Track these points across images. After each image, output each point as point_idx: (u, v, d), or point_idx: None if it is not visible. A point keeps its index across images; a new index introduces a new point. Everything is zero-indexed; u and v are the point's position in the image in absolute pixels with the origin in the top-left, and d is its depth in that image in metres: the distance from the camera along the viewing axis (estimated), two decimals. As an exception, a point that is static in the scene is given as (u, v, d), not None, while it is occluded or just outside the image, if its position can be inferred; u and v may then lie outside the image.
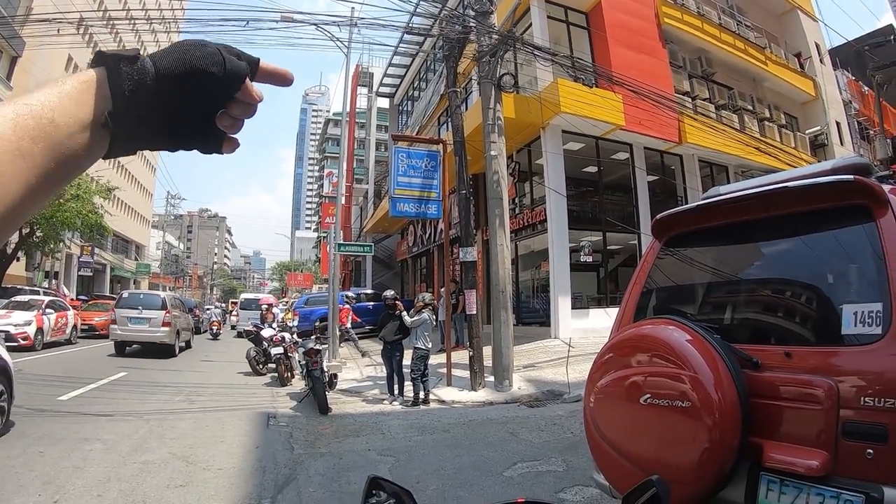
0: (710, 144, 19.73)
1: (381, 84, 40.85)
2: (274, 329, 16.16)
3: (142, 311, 19.10)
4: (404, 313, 11.71)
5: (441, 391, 12.14)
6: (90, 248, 44.83)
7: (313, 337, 12.60)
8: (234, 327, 35.39)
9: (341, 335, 18.98)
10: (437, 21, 14.76)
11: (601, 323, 14.88)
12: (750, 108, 24.19)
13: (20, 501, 5.59)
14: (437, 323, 16.12)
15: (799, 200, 3.29)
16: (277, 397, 12.34)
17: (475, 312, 12.73)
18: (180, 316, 22.11)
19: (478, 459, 7.39)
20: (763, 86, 25.89)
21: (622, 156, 20.68)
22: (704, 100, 22.29)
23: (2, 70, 34.21)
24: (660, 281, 4.16)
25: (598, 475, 3.66)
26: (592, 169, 20.77)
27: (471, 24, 13.05)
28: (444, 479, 6.61)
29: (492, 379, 12.31)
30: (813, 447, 2.76)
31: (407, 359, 11.64)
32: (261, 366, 15.56)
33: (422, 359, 11.26)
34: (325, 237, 32.94)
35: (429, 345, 11.49)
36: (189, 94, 0.77)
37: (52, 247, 33.31)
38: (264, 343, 15.37)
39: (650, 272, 4.11)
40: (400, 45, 30.46)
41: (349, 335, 19.46)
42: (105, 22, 37.90)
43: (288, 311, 25.19)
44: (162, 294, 22.77)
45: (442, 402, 11.49)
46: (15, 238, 27.79)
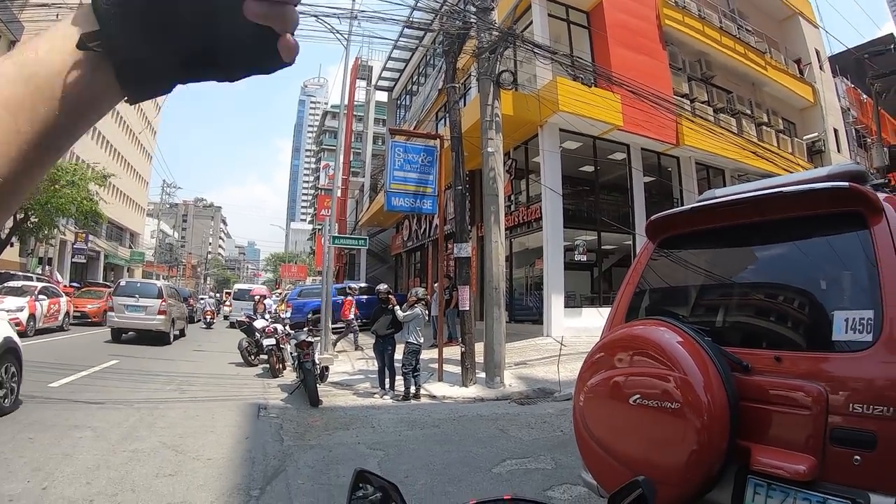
0: (707, 147, 19.74)
1: (379, 77, 40.77)
2: (266, 320, 16.14)
3: (138, 300, 19.54)
4: (397, 308, 11.71)
5: (432, 386, 12.15)
6: (84, 235, 44.64)
7: (306, 329, 12.61)
8: (226, 317, 35.33)
9: (347, 325, 19.04)
10: (438, 16, 14.72)
11: (594, 322, 14.90)
12: (748, 112, 24.23)
13: (9, 487, 5.57)
14: (429, 318, 16.10)
15: (794, 206, 3.29)
16: (268, 388, 12.33)
17: (468, 308, 12.74)
18: (175, 305, 22.46)
19: (467, 455, 7.40)
20: (762, 90, 25.93)
21: (619, 156, 20.69)
22: (703, 102, 22.28)
23: (-1, 54, 34.02)
24: (653, 282, 4.16)
25: (586, 474, 3.67)
26: (589, 168, 20.79)
27: (471, 19, 13.02)
28: (432, 475, 6.62)
29: (483, 375, 12.32)
30: (801, 452, 2.76)
31: (399, 353, 11.64)
32: (252, 357, 15.54)
33: (413, 353, 11.26)
34: (320, 229, 32.96)
35: (421, 340, 11.50)
36: None
37: (47, 233, 33.22)
38: (256, 334, 15.34)
39: (643, 273, 4.11)
40: (400, 39, 30.38)
41: (352, 327, 19.38)
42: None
43: (281, 303, 25.16)
44: (158, 283, 23.06)
45: (433, 397, 11.51)
46: (9, 223, 27.69)
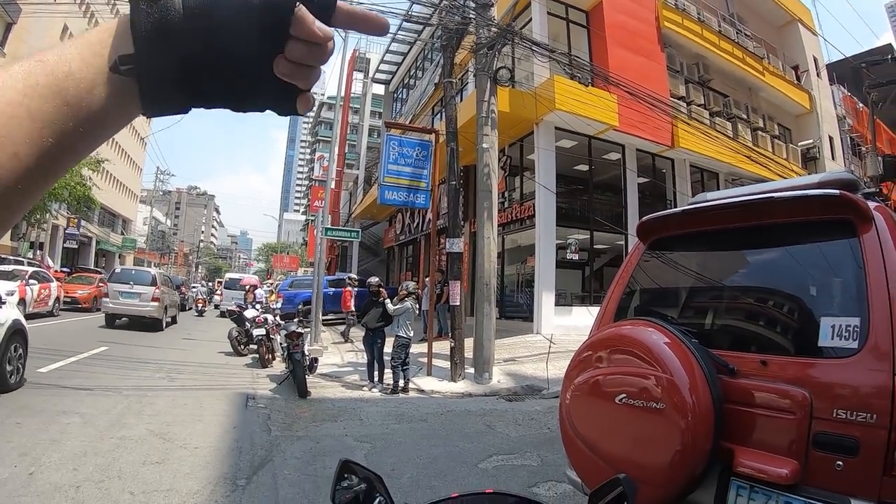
0: (702, 150, 19.81)
1: (377, 70, 40.67)
2: (257, 310, 16.12)
3: (133, 287, 19.97)
4: (387, 301, 11.72)
5: (421, 380, 12.16)
6: (76, 221, 44.32)
7: (296, 320, 12.60)
8: (217, 306, 35.24)
9: (347, 316, 19.11)
10: (437, 10, 14.68)
11: (584, 321, 14.88)
12: (744, 116, 24.31)
13: (-5, 471, 5.57)
14: (419, 312, 16.13)
15: (784, 211, 3.32)
16: (257, 378, 12.32)
17: (458, 304, 12.75)
18: (168, 292, 22.83)
19: (454, 450, 7.43)
20: (759, 95, 26.02)
21: (614, 156, 20.72)
22: (699, 106, 22.34)
23: (-4, 36, 33.86)
24: (642, 282, 4.18)
25: (571, 471, 3.69)
26: (584, 167, 20.83)
27: (470, 15, 13.01)
28: (418, 468, 6.64)
29: (472, 371, 12.34)
30: (784, 456, 2.79)
31: (388, 346, 11.65)
32: (242, 346, 15.51)
33: (403, 347, 11.28)
34: (312, 220, 32.86)
35: (410, 333, 11.50)
36: (226, 31, 0.64)
37: (39, 217, 33.08)
38: (247, 324, 15.32)
39: (633, 273, 4.13)
40: (398, 32, 30.34)
41: (351, 319, 19.37)
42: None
43: (272, 293, 25.13)
44: (152, 271, 23.23)
45: (421, 391, 11.52)
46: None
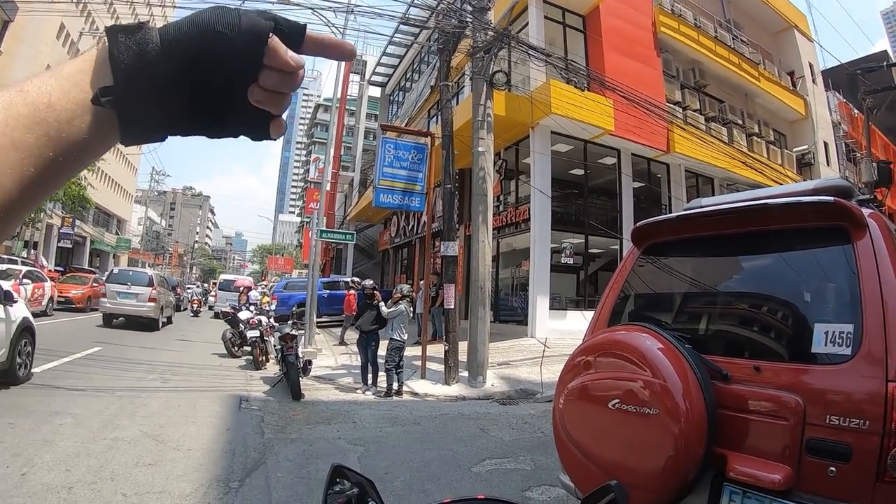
0: (697, 155, 19.86)
1: (373, 73, 40.66)
2: (251, 312, 16.09)
3: (130, 287, 20.43)
4: (381, 304, 11.71)
5: (415, 383, 12.16)
6: (71, 220, 44.22)
7: (290, 322, 12.58)
8: (211, 308, 35.17)
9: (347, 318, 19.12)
10: (434, 13, 14.70)
11: (578, 325, 14.91)
12: (739, 122, 24.39)
13: (-13, 471, 5.55)
14: (414, 315, 16.11)
15: (779, 218, 3.33)
16: (251, 380, 12.29)
17: (453, 307, 12.75)
18: (164, 293, 23.25)
19: (447, 453, 7.42)
20: (754, 101, 26.10)
21: (609, 161, 20.76)
22: (695, 111, 22.41)
23: (-7, 34, 33.79)
24: (637, 288, 4.19)
25: (564, 476, 3.69)
26: (579, 172, 20.82)
27: (467, 19, 13.02)
28: (412, 472, 6.62)
29: (466, 374, 12.34)
30: (777, 461, 2.80)
31: (382, 349, 11.64)
32: (236, 348, 15.46)
33: (397, 350, 11.26)
34: (307, 222, 32.86)
35: (404, 336, 11.49)
36: (202, 63, 0.66)
37: (33, 216, 32.95)
38: (241, 325, 15.29)
39: (627, 278, 4.14)
40: (395, 35, 30.36)
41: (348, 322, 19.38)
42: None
43: (265, 295, 25.08)
44: (149, 272, 23.61)
45: (415, 394, 11.51)
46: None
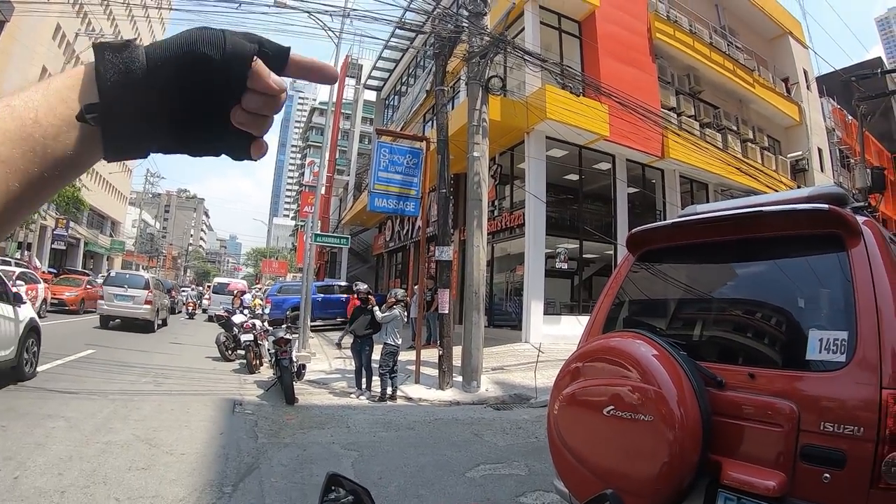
0: (692, 161, 19.90)
1: (369, 76, 40.70)
2: (245, 315, 16.06)
3: (127, 290, 20.91)
4: (376, 308, 11.69)
5: (409, 388, 12.14)
6: (65, 221, 44.04)
7: (284, 326, 12.55)
8: (205, 311, 35.10)
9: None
10: (430, 18, 14.74)
11: (572, 330, 14.91)
12: (734, 128, 24.45)
13: (-22, 475, 5.52)
14: (408, 320, 16.10)
15: (774, 225, 3.34)
16: (244, 384, 12.26)
17: (447, 312, 12.75)
18: (160, 296, 23.77)
19: (441, 459, 7.41)
20: (749, 107, 26.20)
21: (604, 166, 20.79)
22: (690, 117, 22.46)
23: (-12, 33, 33.75)
24: (631, 294, 4.20)
25: (559, 482, 3.69)
26: (574, 177, 20.87)
27: (463, 23, 13.04)
28: (406, 477, 6.62)
29: (460, 379, 12.33)
30: (771, 468, 2.81)
31: (376, 354, 11.62)
32: (230, 352, 15.43)
33: (391, 355, 11.25)
34: (302, 226, 32.83)
35: (398, 341, 11.48)
36: (187, 83, 0.68)
37: (27, 217, 32.83)
38: (235, 329, 15.25)
39: (622, 285, 4.14)
40: (391, 39, 30.38)
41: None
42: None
43: (255, 298, 25.04)
44: (146, 275, 24.25)
45: (409, 399, 11.50)
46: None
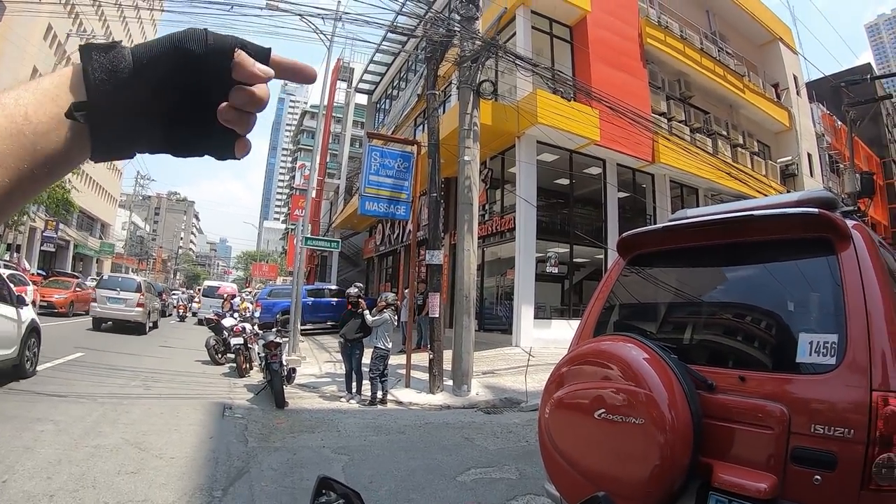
0: (682, 166, 19.99)
1: (360, 80, 40.59)
2: (235, 319, 16.02)
3: (119, 293, 21.30)
4: (366, 312, 11.67)
5: (399, 392, 12.13)
6: (55, 223, 43.78)
7: (274, 329, 12.52)
8: (195, 314, 35.00)
9: None
10: (422, 22, 14.74)
11: (563, 334, 14.96)
12: (724, 133, 24.57)
13: (-34, 479, 5.48)
14: (398, 323, 16.09)
15: (764, 229, 3.36)
16: (234, 388, 12.22)
17: (438, 316, 12.74)
18: (151, 299, 24.16)
19: (432, 463, 7.40)
20: (739, 112, 26.34)
21: (595, 170, 20.83)
22: (680, 122, 22.56)
23: (-20, 33, 33.65)
24: (622, 298, 4.21)
25: (550, 485, 3.69)
26: (564, 181, 20.87)
27: (455, 28, 13.06)
28: (397, 481, 6.60)
29: (451, 383, 12.33)
30: (762, 470, 2.82)
31: (367, 357, 11.61)
32: (220, 355, 15.37)
33: (381, 358, 11.23)
34: (293, 229, 32.78)
35: (389, 345, 11.46)
36: (173, 81, 0.70)
37: (16, 219, 32.75)
38: (224, 332, 15.20)
39: (613, 288, 4.15)
40: (383, 42, 30.39)
41: None
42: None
43: (243, 301, 24.97)
44: (138, 278, 24.08)
45: (399, 403, 11.48)
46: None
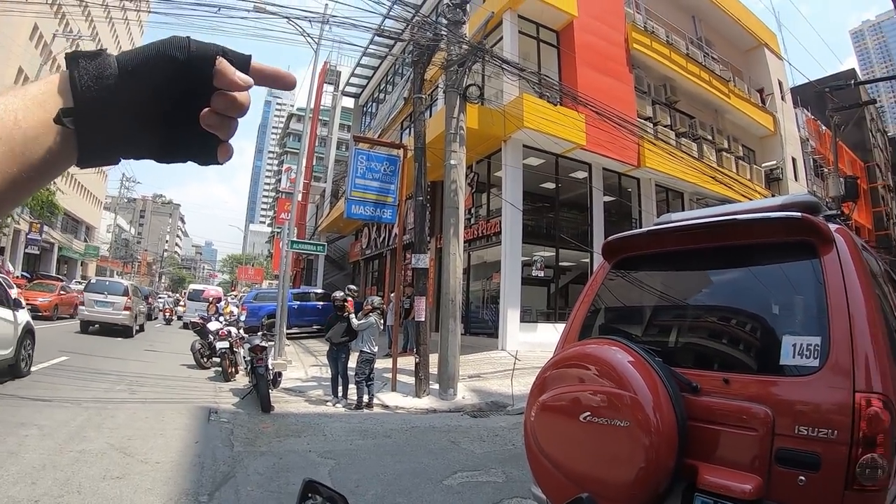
0: (667, 170, 20.07)
1: (347, 83, 40.54)
2: (221, 323, 15.94)
3: (107, 296, 21.50)
4: (352, 315, 11.66)
5: (385, 396, 12.10)
6: (39, 226, 43.50)
7: (260, 333, 12.48)
8: (180, 318, 34.81)
9: None
10: (409, 26, 14.76)
11: (549, 338, 14.95)
12: (709, 137, 24.73)
13: (-51, 484, 5.44)
14: (384, 327, 16.06)
15: (747, 233, 3.39)
16: (220, 392, 12.17)
17: (424, 319, 12.74)
18: (138, 302, 24.47)
19: (418, 466, 7.39)
20: (724, 117, 26.51)
21: (581, 175, 20.88)
22: (666, 126, 22.67)
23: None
24: (607, 301, 4.23)
25: (536, 488, 3.69)
26: (550, 185, 20.94)
27: (442, 32, 13.07)
28: (383, 485, 6.59)
29: (437, 387, 12.31)
30: (747, 471, 2.85)
31: (353, 361, 11.59)
32: (205, 359, 15.30)
33: (367, 362, 11.21)
34: (278, 233, 32.67)
35: (374, 348, 11.44)
36: (156, 86, 0.72)
37: (3, 218, 32.49)
38: (210, 336, 15.13)
39: (598, 292, 4.17)
40: (370, 46, 30.39)
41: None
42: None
43: (227, 305, 24.88)
44: (125, 282, 24.41)
45: (385, 407, 11.47)
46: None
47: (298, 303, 25.07)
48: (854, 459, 2.55)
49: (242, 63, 0.75)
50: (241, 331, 15.15)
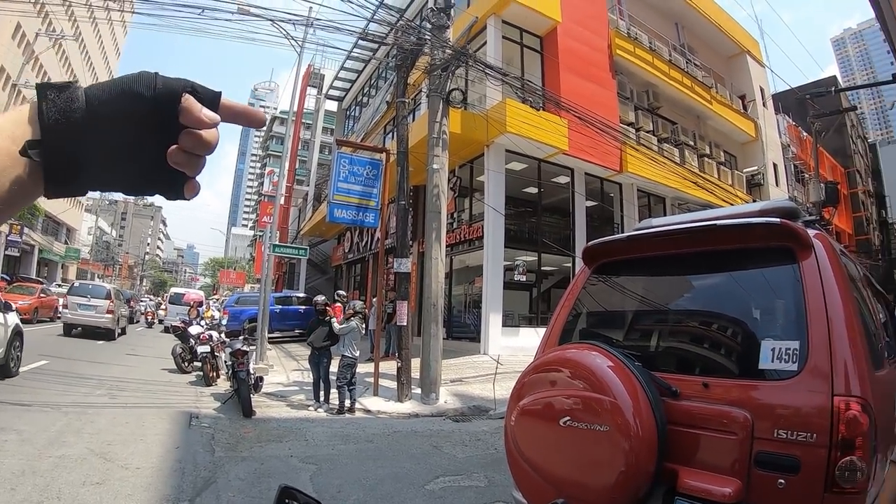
0: (649, 175, 20.19)
1: (331, 87, 40.44)
2: (202, 327, 15.85)
3: (90, 299, 21.79)
4: (333, 320, 11.62)
5: (367, 400, 12.07)
6: (19, 228, 43.03)
7: (241, 337, 12.42)
8: (161, 321, 34.59)
9: None
10: (393, 30, 14.75)
11: (531, 342, 14.95)
12: (691, 143, 24.90)
13: (-74, 491, 5.38)
14: (366, 332, 16.03)
15: (727, 238, 3.42)
16: (201, 397, 12.09)
17: (406, 324, 12.72)
18: (120, 305, 24.71)
19: (400, 471, 7.38)
20: (706, 123, 26.72)
21: (563, 179, 20.96)
22: (648, 132, 22.82)
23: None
24: (588, 306, 4.24)
25: (517, 493, 3.69)
26: (533, 190, 21.00)
27: (426, 36, 13.10)
28: (365, 490, 6.57)
29: (419, 391, 12.30)
30: (727, 475, 2.86)
31: (334, 366, 11.55)
32: (186, 363, 15.20)
33: (349, 367, 11.19)
34: (261, 236, 32.55)
35: (356, 353, 11.42)
36: (123, 121, 0.72)
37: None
38: (191, 340, 15.04)
39: (579, 297, 4.18)
40: (353, 49, 30.35)
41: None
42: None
43: (208, 308, 24.72)
44: (108, 286, 25.21)
45: (367, 411, 11.43)
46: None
47: (280, 307, 24.99)
48: (833, 462, 2.57)
49: (212, 99, 0.75)
50: (223, 335, 15.07)
